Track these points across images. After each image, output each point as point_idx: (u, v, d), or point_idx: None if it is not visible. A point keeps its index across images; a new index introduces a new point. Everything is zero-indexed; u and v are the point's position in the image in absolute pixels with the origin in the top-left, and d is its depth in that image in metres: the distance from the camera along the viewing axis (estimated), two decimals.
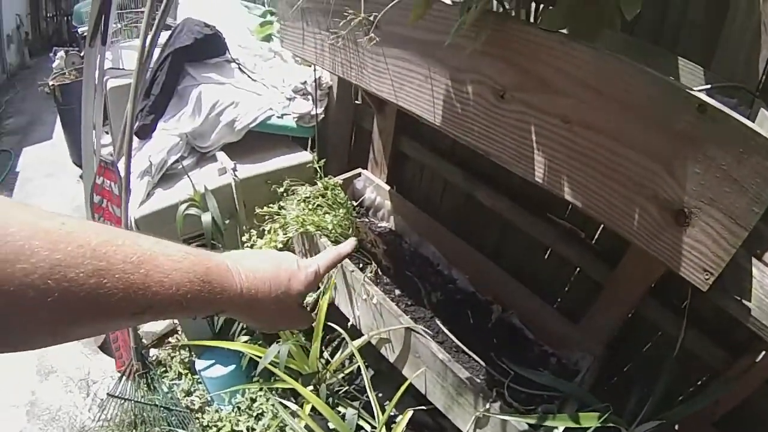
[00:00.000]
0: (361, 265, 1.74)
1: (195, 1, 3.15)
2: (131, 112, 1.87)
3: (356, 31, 1.17)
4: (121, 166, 2.01)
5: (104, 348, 2.79)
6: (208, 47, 2.33)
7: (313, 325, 1.83)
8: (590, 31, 0.87)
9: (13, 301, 0.41)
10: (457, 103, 1.03)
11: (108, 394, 2.30)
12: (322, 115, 2.30)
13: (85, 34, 2.23)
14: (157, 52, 2.18)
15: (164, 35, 2.27)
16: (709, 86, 1.14)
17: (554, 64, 0.86)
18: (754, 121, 0.97)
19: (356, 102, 2.19)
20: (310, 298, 1.75)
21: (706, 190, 0.75)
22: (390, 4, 1.05)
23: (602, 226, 1.56)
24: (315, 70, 2.23)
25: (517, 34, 0.89)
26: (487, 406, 1.30)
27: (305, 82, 2.28)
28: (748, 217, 0.73)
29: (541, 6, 0.95)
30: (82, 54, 4.24)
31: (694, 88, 1.12)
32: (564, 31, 0.88)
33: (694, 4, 1.22)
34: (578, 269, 1.67)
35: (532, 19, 0.97)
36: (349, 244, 0.94)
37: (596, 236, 1.61)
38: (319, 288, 1.76)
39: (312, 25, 1.36)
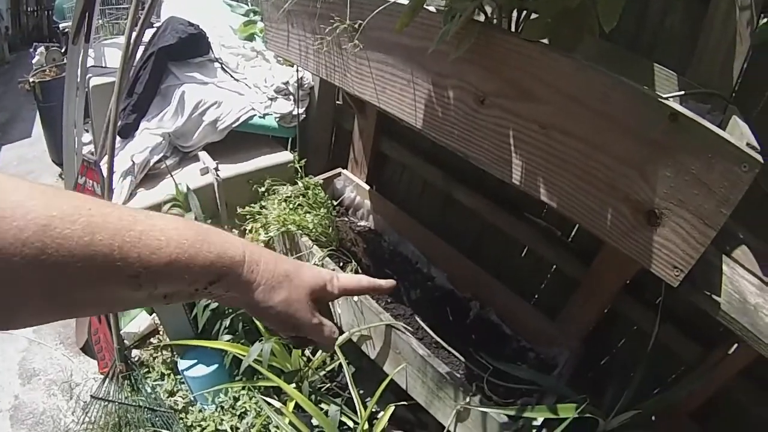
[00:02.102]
0: (341, 264, 1.77)
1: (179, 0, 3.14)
2: (115, 110, 1.87)
3: (341, 36, 1.19)
4: (103, 165, 2.01)
5: (86, 350, 2.76)
6: (191, 46, 2.33)
7: None
8: (570, 41, 0.91)
9: (5, 259, 0.40)
10: (439, 107, 1.06)
11: (91, 396, 2.28)
12: (304, 115, 2.33)
13: (67, 30, 2.23)
14: (140, 50, 2.18)
15: (148, 33, 2.26)
16: (682, 92, 1.18)
17: (534, 73, 0.90)
18: (725, 127, 1.02)
19: (337, 102, 2.22)
20: None
21: (676, 192, 0.79)
22: (375, 12, 1.09)
23: (578, 225, 1.60)
24: (297, 70, 2.25)
25: (499, 43, 0.93)
26: (467, 399, 1.33)
27: (287, 82, 2.31)
28: (716, 217, 0.77)
29: (523, 15, 0.98)
30: (63, 50, 4.18)
31: (668, 95, 1.17)
32: (545, 41, 0.92)
33: (672, 14, 1.27)
34: (555, 267, 1.72)
35: (514, 29, 0.99)
36: (387, 282, 0.83)
37: (572, 235, 1.65)
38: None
39: (297, 27, 1.38)
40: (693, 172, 0.77)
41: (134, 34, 1.82)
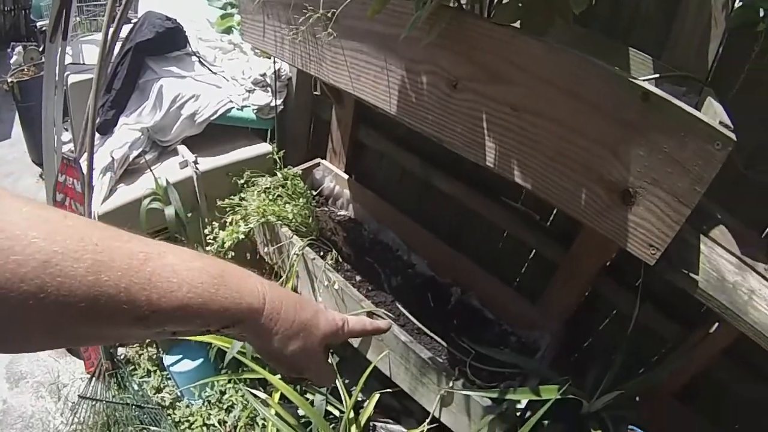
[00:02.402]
0: (321, 253, 1.78)
1: None
2: (93, 107, 1.86)
3: (315, 26, 1.19)
4: (83, 162, 1.99)
5: (72, 350, 2.75)
6: (169, 41, 2.31)
7: None
8: (541, 24, 0.91)
9: (2, 295, 0.37)
10: (412, 92, 1.06)
11: (79, 396, 2.28)
12: (282, 107, 2.32)
13: (44, 28, 2.20)
14: (118, 46, 2.17)
15: (125, 29, 2.25)
16: (657, 76, 1.19)
17: (506, 57, 0.90)
18: (700, 109, 1.03)
19: (315, 93, 2.22)
20: None
21: (650, 171, 0.80)
22: (348, 0, 1.09)
23: (556, 209, 1.61)
24: (274, 61, 2.24)
25: (471, 27, 0.93)
26: (450, 384, 1.35)
27: (264, 74, 2.30)
28: (690, 195, 0.78)
29: (494, 0, 0.99)
30: (41, 49, 4.14)
31: (643, 78, 1.18)
32: (516, 24, 0.92)
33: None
34: (534, 251, 1.73)
35: (486, 13, 1.00)
36: (385, 323, 0.87)
37: (551, 219, 1.66)
38: (281, 277, 1.79)
39: (272, 18, 1.38)
40: (666, 151, 0.78)
41: (111, 30, 1.81)
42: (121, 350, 2.68)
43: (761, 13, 1.06)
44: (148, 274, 0.46)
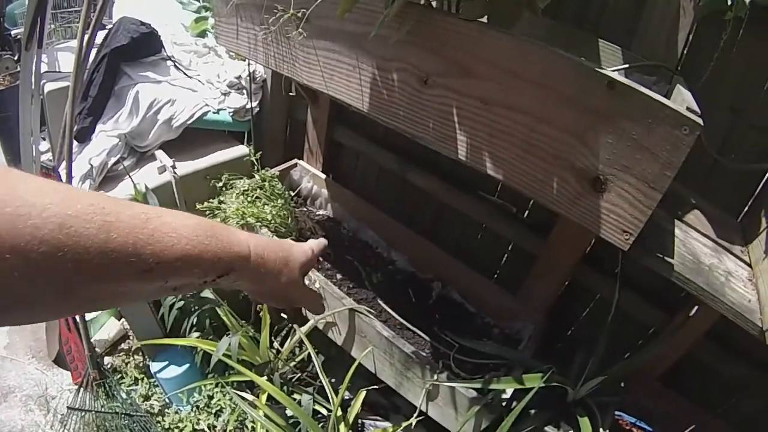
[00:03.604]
0: None
1: None
2: (70, 115, 1.85)
3: (287, 26, 1.20)
4: (62, 170, 1.98)
5: (59, 362, 2.73)
6: (144, 46, 2.30)
7: (260, 314, 1.86)
8: (508, 18, 0.93)
9: (23, 254, 0.41)
10: (384, 90, 1.07)
11: (68, 407, 2.26)
12: (258, 109, 2.32)
13: (19, 36, 2.18)
14: (94, 52, 2.15)
15: (101, 35, 2.23)
16: (626, 66, 1.21)
17: (474, 51, 0.92)
18: (670, 97, 1.05)
19: (290, 94, 2.21)
20: None
21: (620, 158, 0.82)
22: (316, 2, 1.09)
23: (532, 201, 1.63)
24: (249, 64, 2.24)
25: (439, 24, 0.94)
26: (435, 377, 1.35)
27: (240, 76, 2.29)
28: (661, 180, 0.80)
29: None
30: (16, 58, 4.09)
31: (612, 68, 1.20)
32: (484, 19, 0.93)
33: None
34: (512, 243, 1.75)
35: (454, 9, 1.01)
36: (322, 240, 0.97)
37: (527, 211, 1.68)
38: None
39: (246, 20, 1.38)
40: (634, 138, 0.79)
41: (86, 37, 1.79)
42: (107, 359, 2.67)
43: (729, 2, 1.08)
44: (151, 230, 0.52)
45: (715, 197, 1.34)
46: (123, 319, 2.69)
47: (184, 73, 2.33)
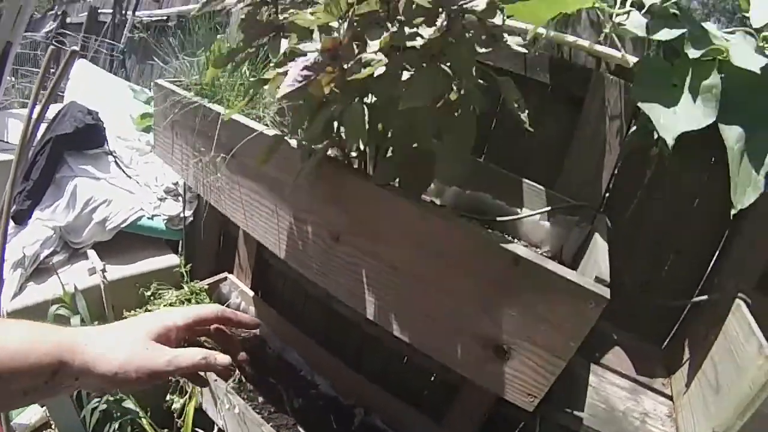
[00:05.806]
0: None
1: (84, 76, 3.11)
2: (10, 195, 1.80)
3: (217, 157, 1.21)
4: None
5: None
6: (87, 137, 2.30)
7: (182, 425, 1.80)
8: (418, 185, 0.95)
9: None
10: (299, 240, 1.08)
11: None
12: (192, 218, 2.29)
13: None
14: (43, 127, 2.13)
15: (54, 108, 2.23)
16: (548, 209, 1.25)
17: (383, 215, 0.93)
18: (590, 241, 1.08)
19: None
20: (177, 404, 1.73)
21: (523, 329, 0.83)
22: (241, 143, 1.11)
23: None
24: None
25: (352, 184, 0.97)
26: None
27: (177, 182, 2.29)
28: (565, 350, 0.80)
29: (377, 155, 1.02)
30: None
31: (535, 212, 1.23)
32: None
33: (546, 128, 1.35)
34: (434, 374, 1.74)
35: (371, 168, 1.03)
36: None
37: None
38: (186, 392, 1.74)
39: (180, 139, 1.39)
40: (539, 312, 0.80)
41: (37, 109, 1.75)
42: None
43: (655, 136, 1.10)
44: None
45: (639, 326, 1.36)
46: (45, 407, 2.57)
47: (124, 172, 2.33)
